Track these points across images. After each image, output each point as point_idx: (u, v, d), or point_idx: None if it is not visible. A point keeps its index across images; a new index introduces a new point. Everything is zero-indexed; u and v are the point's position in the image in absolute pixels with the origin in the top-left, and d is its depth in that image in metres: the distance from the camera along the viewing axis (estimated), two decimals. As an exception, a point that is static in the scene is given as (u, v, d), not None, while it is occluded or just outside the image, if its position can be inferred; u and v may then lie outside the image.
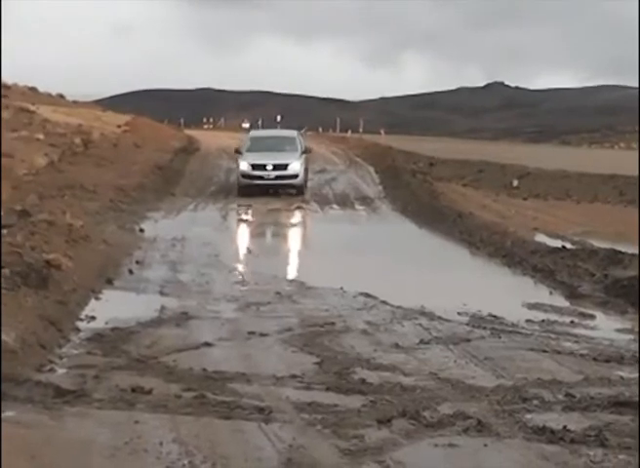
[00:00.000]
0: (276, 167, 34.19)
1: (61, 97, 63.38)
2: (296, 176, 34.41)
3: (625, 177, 40.60)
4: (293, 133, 39.37)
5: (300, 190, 34.69)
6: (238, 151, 36.23)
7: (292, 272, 20.46)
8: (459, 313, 15.61)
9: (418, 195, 34.94)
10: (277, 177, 34.25)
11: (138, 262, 19.61)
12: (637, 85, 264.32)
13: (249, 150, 35.62)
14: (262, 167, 34.22)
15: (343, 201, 35.83)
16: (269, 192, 34.86)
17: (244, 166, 34.49)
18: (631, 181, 40.01)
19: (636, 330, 15.35)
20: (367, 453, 8.72)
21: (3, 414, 9.83)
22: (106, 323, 14.04)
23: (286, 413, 9.87)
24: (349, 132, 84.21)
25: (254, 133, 41.89)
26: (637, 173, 38.30)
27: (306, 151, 36.74)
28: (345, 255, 22.11)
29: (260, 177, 34.17)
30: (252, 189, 34.18)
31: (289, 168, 34.33)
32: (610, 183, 40.44)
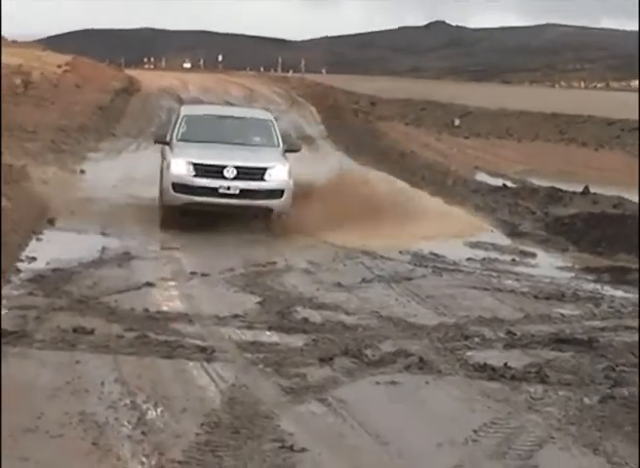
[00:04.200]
0: (243, 172, 17.14)
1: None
2: (278, 194, 17.16)
3: (566, 116, 41.31)
4: (265, 114, 21.32)
5: (280, 224, 17.40)
6: (160, 139, 19.06)
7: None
8: (400, 252, 15.81)
9: (360, 134, 35.14)
10: (244, 193, 17.03)
11: (78, 203, 19.49)
12: (581, 24, 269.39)
13: (184, 138, 18.30)
14: (216, 171, 17.07)
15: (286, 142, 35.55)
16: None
17: (178, 167, 17.25)
18: (572, 120, 40.69)
19: (577, 266, 15.68)
20: (309, 392, 8.85)
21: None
22: (47, 263, 14.01)
23: (228, 353, 9.98)
24: (291, 71, 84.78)
25: (189, 108, 22.78)
26: (578, 112, 38.99)
27: (294, 147, 19.25)
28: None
29: (213, 192, 17.01)
30: (190, 217, 17.23)
31: (268, 176, 17.22)
32: (551, 122, 41.12)
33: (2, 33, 61.18)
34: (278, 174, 17.20)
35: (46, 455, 7.43)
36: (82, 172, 24.28)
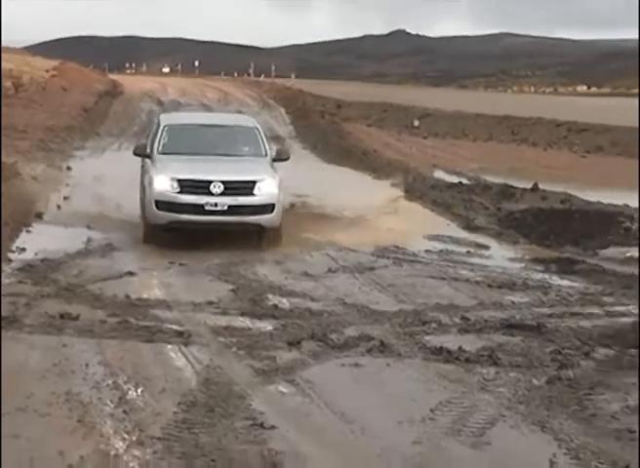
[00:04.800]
0: (230, 187, 14.85)
1: None
2: (269, 209, 14.92)
3: (518, 118, 41.56)
4: (249, 120, 18.66)
5: (274, 237, 15.23)
6: (140, 152, 16.30)
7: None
8: (363, 244, 15.78)
9: (326, 134, 35.14)
10: (232, 210, 14.76)
11: (65, 198, 19.47)
12: (532, 33, 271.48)
13: (166, 151, 15.91)
14: (203, 186, 14.76)
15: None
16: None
17: (162, 183, 14.94)
18: (523, 122, 40.86)
19: (527, 257, 15.72)
20: (278, 373, 8.89)
21: None
22: (36, 254, 14.02)
23: (204, 337, 10.01)
24: (262, 76, 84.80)
25: (170, 117, 20.23)
26: (529, 114, 39.18)
27: (282, 156, 16.63)
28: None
29: (200, 209, 14.69)
30: (176, 235, 15.04)
31: (257, 190, 14.93)
32: (503, 124, 41.35)
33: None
34: (268, 187, 14.84)
35: (35, 433, 7.44)
36: (69, 168, 24.22)
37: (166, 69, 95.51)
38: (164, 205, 14.69)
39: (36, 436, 7.35)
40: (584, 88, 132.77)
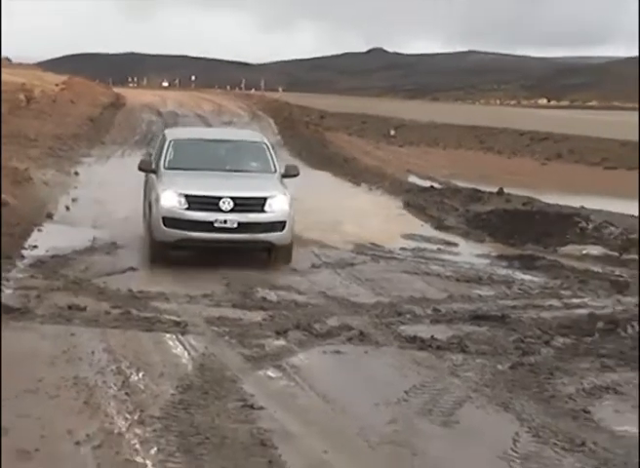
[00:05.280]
0: (240, 204, 13.15)
1: (8, 60, 62.67)
2: (280, 227, 13.24)
3: (485, 128, 41.59)
4: (256, 135, 17.04)
5: (285, 254, 13.56)
6: (146, 167, 14.61)
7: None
8: (344, 242, 15.81)
9: (310, 143, 34.99)
10: (242, 227, 13.02)
11: (73, 200, 19.40)
12: (499, 50, 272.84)
13: (172, 166, 14.21)
14: (212, 203, 13.09)
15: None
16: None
17: (169, 199, 13.21)
18: (489, 131, 40.94)
19: (493, 254, 15.77)
20: (267, 359, 8.95)
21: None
22: (47, 251, 13.99)
23: (199, 327, 10.03)
24: (253, 90, 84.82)
25: (175, 132, 17.08)
26: (495, 125, 39.35)
27: (291, 172, 14.83)
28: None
29: (209, 226, 13.02)
30: (183, 253, 13.74)
31: (268, 207, 13.25)
32: (472, 133, 41.33)
33: (9, 56, 61.13)
34: (279, 204, 13.15)
35: (45, 413, 7.49)
36: (76, 173, 24.10)
37: (165, 83, 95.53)
38: (171, 222, 12.95)
39: (46, 416, 7.38)
40: (545, 101, 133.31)
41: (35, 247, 14.33)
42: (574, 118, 59.51)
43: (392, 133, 40.04)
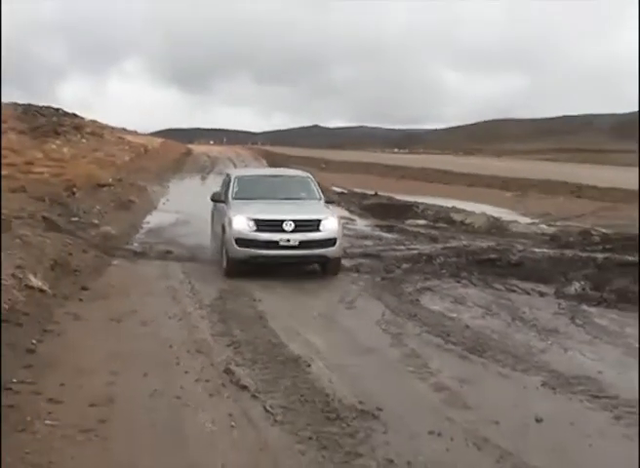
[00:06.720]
0: (300, 225, 11.84)
1: (124, 129, 66.97)
2: (332, 243, 12.06)
3: (371, 164, 49.35)
4: (302, 172, 15.04)
5: (335, 265, 12.40)
6: (217, 199, 13.44)
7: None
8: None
9: (281, 164, 38.87)
10: (302, 244, 11.84)
11: (167, 200, 22.89)
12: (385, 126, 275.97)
13: (238, 197, 12.81)
14: (276, 225, 11.84)
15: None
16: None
17: (240, 223, 11.83)
18: (370, 165, 48.20)
19: (373, 224, 16.87)
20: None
21: (114, 261, 11.51)
22: (154, 225, 16.45)
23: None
24: (258, 144, 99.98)
25: (239, 172, 15.54)
26: (373, 161, 44.71)
27: (332, 200, 14.82)
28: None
29: (275, 245, 11.79)
30: (254, 267, 11.77)
31: (322, 227, 12.03)
32: (364, 166, 48.32)
33: (135, 128, 64.10)
34: (331, 224, 12.04)
35: (155, 303, 8.91)
36: (168, 187, 27.26)
37: (211, 142, 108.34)
38: (243, 242, 11.47)
39: (155, 305, 8.68)
40: (396, 149, 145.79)
41: (148, 222, 16.79)
42: (412, 158, 70.85)
43: (323, 166, 47.57)
